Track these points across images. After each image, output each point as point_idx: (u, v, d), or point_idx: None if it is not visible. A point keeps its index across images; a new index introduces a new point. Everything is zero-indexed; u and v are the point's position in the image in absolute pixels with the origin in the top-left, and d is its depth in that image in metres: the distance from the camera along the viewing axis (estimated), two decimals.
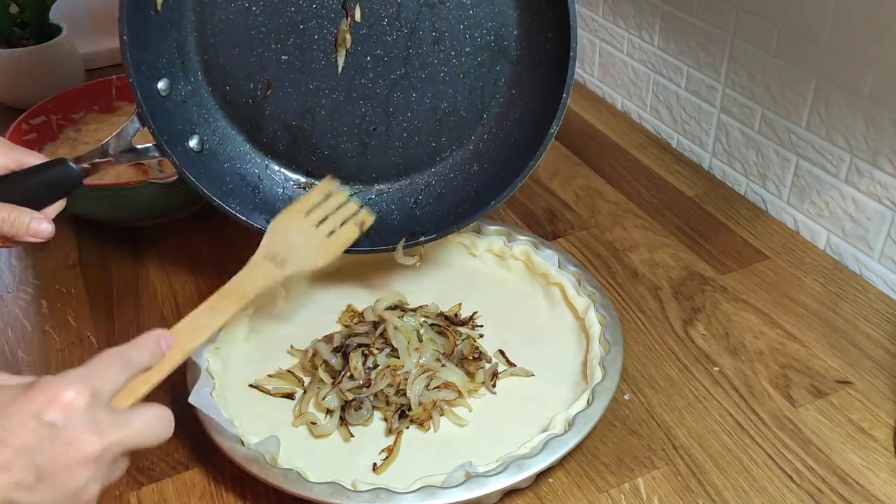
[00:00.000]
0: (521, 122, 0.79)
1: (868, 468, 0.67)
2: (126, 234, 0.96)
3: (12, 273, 0.92)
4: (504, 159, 0.79)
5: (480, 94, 0.79)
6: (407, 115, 0.80)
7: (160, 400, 0.75)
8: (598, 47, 1.22)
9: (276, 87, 0.78)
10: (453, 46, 0.78)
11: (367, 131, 0.81)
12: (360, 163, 0.82)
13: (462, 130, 0.81)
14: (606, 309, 0.76)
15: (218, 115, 0.79)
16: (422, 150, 0.82)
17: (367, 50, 0.78)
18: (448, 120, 0.80)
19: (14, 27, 1.21)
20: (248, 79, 0.78)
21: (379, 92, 0.79)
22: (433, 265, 0.87)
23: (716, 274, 0.88)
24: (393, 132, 0.81)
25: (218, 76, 0.78)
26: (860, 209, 0.86)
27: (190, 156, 0.75)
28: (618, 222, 0.96)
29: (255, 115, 0.80)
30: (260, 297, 0.63)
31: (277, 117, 0.80)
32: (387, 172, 0.83)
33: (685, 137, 1.09)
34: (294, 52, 0.77)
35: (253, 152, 0.81)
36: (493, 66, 0.78)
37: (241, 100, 0.79)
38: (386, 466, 0.66)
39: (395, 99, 0.80)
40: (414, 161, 0.82)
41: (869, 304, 0.83)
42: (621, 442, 0.70)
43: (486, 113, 0.80)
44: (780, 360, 0.77)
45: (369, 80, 0.79)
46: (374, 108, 0.80)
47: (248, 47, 0.77)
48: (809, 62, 0.87)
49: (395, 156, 0.82)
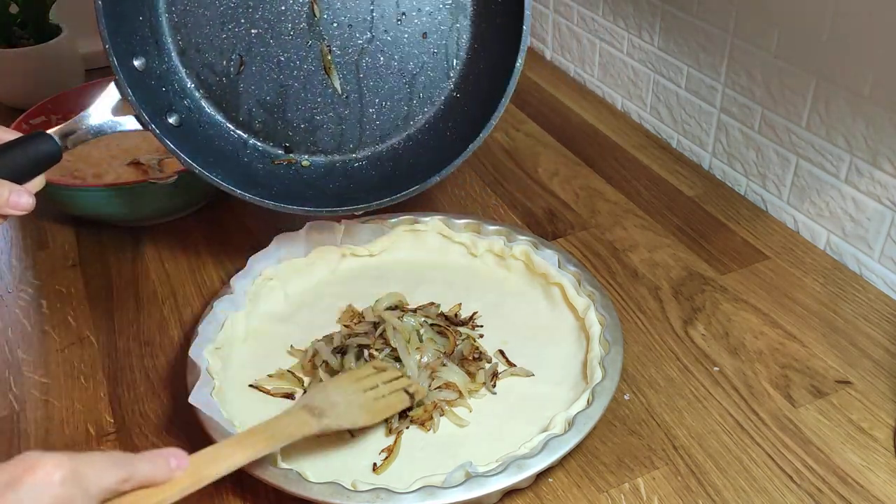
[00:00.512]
0: (486, 74, 0.81)
1: (868, 468, 0.67)
2: (126, 234, 0.96)
3: (12, 273, 0.92)
4: (475, 112, 0.80)
5: (445, 52, 0.82)
6: (378, 80, 0.83)
7: (161, 398, 0.75)
8: (598, 47, 1.22)
9: (248, 63, 0.80)
10: (413, 7, 0.81)
11: (340, 100, 0.83)
12: (337, 133, 0.84)
13: (432, 90, 0.84)
14: (606, 309, 0.76)
15: (194, 94, 0.81)
16: (395, 115, 0.84)
17: (334, 17, 0.81)
18: (417, 81, 0.83)
19: (14, 27, 1.21)
20: (220, 56, 0.80)
21: (348, 59, 0.82)
22: (433, 265, 0.87)
23: (716, 274, 0.88)
24: (365, 99, 0.83)
25: (192, 56, 0.80)
26: (860, 209, 0.86)
27: (169, 130, 0.76)
28: (618, 222, 0.96)
29: (230, 93, 0.81)
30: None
31: (252, 93, 0.82)
32: (364, 140, 0.84)
33: (685, 137, 1.09)
34: (263, 25, 0.80)
35: (230, 130, 0.82)
36: (453, 23, 0.81)
37: (216, 78, 0.81)
38: (386, 466, 0.66)
39: (365, 64, 0.82)
40: (389, 126, 0.84)
41: (869, 304, 0.83)
42: (621, 442, 0.70)
43: (453, 70, 0.83)
44: (780, 360, 0.77)
45: (338, 48, 0.82)
46: (345, 75, 0.82)
47: (218, 24, 0.79)
48: (809, 62, 0.87)
49: (371, 123, 0.84)
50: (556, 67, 1.32)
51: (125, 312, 0.85)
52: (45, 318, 0.85)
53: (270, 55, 0.81)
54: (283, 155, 0.83)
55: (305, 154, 0.84)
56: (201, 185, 0.95)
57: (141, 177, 0.94)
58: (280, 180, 0.82)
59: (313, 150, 0.84)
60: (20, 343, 0.82)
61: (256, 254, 0.83)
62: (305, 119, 0.83)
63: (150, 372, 0.78)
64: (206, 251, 0.93)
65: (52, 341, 0.82)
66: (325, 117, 0.83)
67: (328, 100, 0.83)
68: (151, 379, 0.77)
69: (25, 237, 0.97)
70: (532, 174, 1.05)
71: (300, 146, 0.83)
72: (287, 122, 0.83)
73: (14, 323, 0.85)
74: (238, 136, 0.82)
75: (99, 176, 0.96)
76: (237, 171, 0.80)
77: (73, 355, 0.80)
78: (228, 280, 0.80)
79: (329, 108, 0.83)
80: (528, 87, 1.26)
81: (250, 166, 0.82)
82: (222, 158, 0.80)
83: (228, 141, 0.82)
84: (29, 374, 0.78)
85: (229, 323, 0.77)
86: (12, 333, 0.83)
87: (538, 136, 1.13)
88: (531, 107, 1.21)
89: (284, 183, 0.81)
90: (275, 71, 0.82)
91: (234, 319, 0.77)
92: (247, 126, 0.82)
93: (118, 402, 0.75)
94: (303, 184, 0.83)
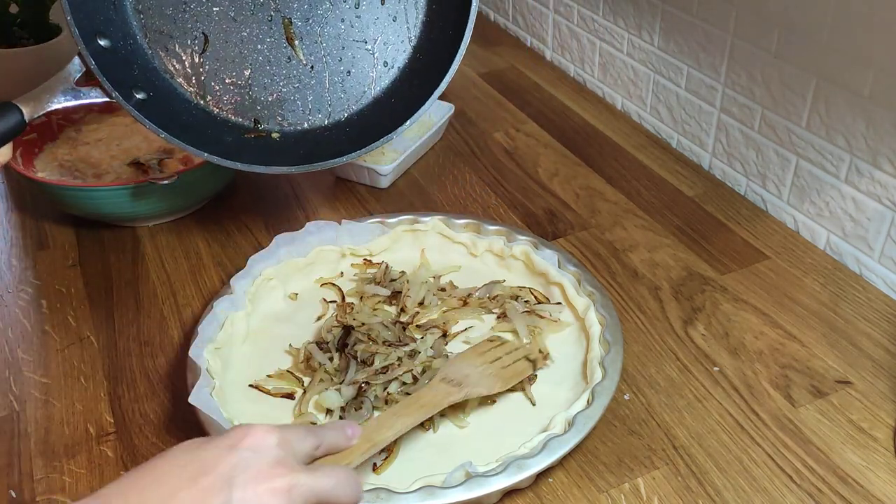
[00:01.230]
0: (444, 30, 0.82)
1: (868, 468, 0.67)
2: (126, 234, 0.96)
3: (12, 273, 0.92)
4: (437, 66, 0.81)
5: (405, 17, 0.83)
6: (340, 49, 0.84)
7: (161, 398, 0.75)
8: (598, 47, 1.22)
9: (212, 40, 0.81)
10: None
11: (305, 71, 0.83)
12: (305, 104, 0.84)
13: (394, 56, 0.85)
14: (606, 309, 0.76)
15: (161, 73, 0.81)
16: (361, 81, 0.85)
17: None
18: (379, 48, 0.84)
19: (14, 27, 1.21)
20: (184, 35, 0.81)
21: (310, 29, 0.83)
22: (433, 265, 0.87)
23: (716, 274, 0.88)
24: (330, 67, 0.84)
25: (156, 37, 0.80)
26: (860, 209, 0.86)
27: (135, 104, 0.76)
28: (618, 222, 0.96)
29: (196, 71, 0.82)
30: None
31: (218, 70, 0.82)
32: (332, 108, 0.85)
33: (685, 137, 1.09)
34: (224, 2, 0.81)
35: (198, 106, 0.82)
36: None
37: (182, 57, 0.81)
38: (386, 466, 0.66)
39: (327, 33, 0.83)
40: (356, 93, 0.85)
41: (869, 304, 0.83)
42: (621, 442, 0.70)
43: (412, 33, 0.84)
44: (780, 360, 0.77)
45: (300, 19, 0.82)
46: (308, 45, 0.83)
47: (180, 5, 0.80)
48: (809, 62, 0.87)
49: (337, 91, 0.84)
50: (556, 67, 1.32)
51: (125, 312, 0.85)
52: (45, 318, 0.85)
53: (234, 31, 0.82)
54: (252, 127, 0.83)
55: (275, 126, 0.84)
56: (201, 185, 0.95)
57: (141, 177, 0.94)
58: (250, 150, 0.82)
59: (282, 122, 0.84)
60: (20, 343, 0.82)
61: (256, 254, 0.83)
62: (273, 91, 0.84)
63: (150, 372, 0.78)
64: (206, 251, 0.93)
65: (52, 341, 0.82)
66: (291, 88, 0.84)
67: (293, 71, 0.84)
68: (151, 379, 0.77)
69: (25, 237, 0.97)
70: (532, 174, 1.05)
71: (269, 119, 0.83)
72: (254, 95, 0.83)
73: (14, 323, 0.85)
74: (206, 111, 0.83)
75: (99, 176, 0.96)
76: (206, 142, 0.80)
77: (73, 355, 0.80)
78: (228, 280, 0.80)
79: (295, 79, 0.84)
80: (528, 87, 1.26)
81: (220, 139, 0.82)
82: (190, 131, 0.80)
83: (196, 116, 0.82)
84: (29, 374, 0.78)
85: (229, 323, 0.77)
86: (12, 333, 0.83)
87: (538, 136, 1.13)
88: (531, 107, 1.21)
89: (254, 152, 0.82)
90: (239, 46, 0.82)
91: (233, 319, 0.77)
92: (215, 102, 0.83)
93: (118, 402, 0.75)
94: (272, 152, 0.83)
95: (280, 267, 0.83)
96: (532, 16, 1.37)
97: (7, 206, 1.03)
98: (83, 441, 0.71)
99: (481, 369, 0.70)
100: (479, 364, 0.71)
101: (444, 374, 0.69)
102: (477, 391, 0.68)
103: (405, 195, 1.02)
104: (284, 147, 0.83)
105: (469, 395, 0.68)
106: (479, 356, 0.72)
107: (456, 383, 0.68)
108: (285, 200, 1.02)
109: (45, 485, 0.68)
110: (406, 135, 1.11)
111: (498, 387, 0.70)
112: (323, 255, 0.86)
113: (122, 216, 0.94)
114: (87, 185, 0.93)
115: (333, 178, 1.05)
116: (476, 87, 1.27)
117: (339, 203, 1.01)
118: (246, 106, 0.83)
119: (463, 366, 0.71)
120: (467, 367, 0.70)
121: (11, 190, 1.06)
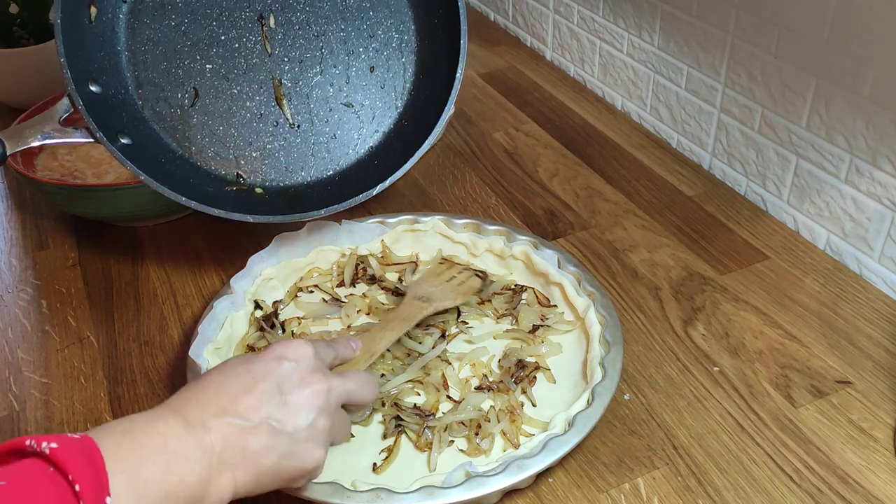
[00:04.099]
0: (431, 98, 0.84)
1: (868, 468, 0.67)
2: (126, 234, 0.96)
3: (12, 273, 0.92)
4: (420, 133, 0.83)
5: (392, 84, 0.86)
6: (328, 111, 0.85)
7: (161, 398, 0.75)
8: (598, 47, 1.22)
9: (202, 95, 0.82)
10: (360, 44, 0.86)
11: (291, 130, 0.84)
12: (288, 161, 0.85)
13: (381, 119, 0.87)
14: (606, 309, 0.76)
15: (149, 123, 0.81)
16: (345, 142, 0.86)
17: (285, 53, 0.85)
18: (366, 112, 0.86)
19: (14, 27, 1.21)
20: (176, 89, 0.82)
21: (300, 91, 0.84)
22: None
23: (716, 274, 0.88)
24: (317, 128, 0.85)
25: (148, 89, 0.81)
26: (860, 209, 0.86)
27: (120, 147, 0.76)
28: (618, 222, 0.96)
29: (183, 123, 0.82)
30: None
31: (205, 124, 0.83)
32: (315, 166, 0.86)
33: (685, 137, 1.09)
34: (217, 61, 0.83)
35: (182, 158, 0.83)
36: (398, 59, 0.85)
37: (170, 109, 0.82)
38: (386, 466, 0.66)
39: (315, 96, 0.85)
40: (339, 153, 0.86)
41: (869, 304, 0.83)
42: (621, 442, 0.70)
43: (400, 100, 0.86)
44: (780, 360, 0.77)
45: (290, 81, 0.84)
46: (297, 106, 0.84)
47: (175, 61, 0.82)
48: (809, 62, 0.87)
49: (321, 151, 0.85)
50: (556, 67, 1.32)
51: (125, 312, 0.85)
52: (45, 318, 0.85)
53: (224, 88, 0.83)
54: (234, 181, 0.83)
55: (257, 181, 0.85)
56: None
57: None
58: (230, 201, 0.82)
59: (264, 178, 0.84)
60: (20, 343, 0.82)
61: (256, 254, 0.83)
62: (257, 148, 0.84)
63: (150, 372, 0.78)
64: (206, 251, 0.93)
65: (52, 341, 0.82)
66: (276, 146, 0.85)
67: (280, 129, 0.85)
68: (151, 379, 0.77)
69: (25, 237, 0.97)
70: (532, 174, 1.05)
71: (251, 173, 0.84)
72: (239, 150, 0.84)
73: (14, 323, 0.85)
74: (190, 162, 0.83)
75: (99, 176, 0.96)
76: (187, 189, 0.80)
77: (73, 355, 0.80)
78: (228, 280, 0.80)
79: (281, 137, 0.85)
80: (528, 87, 1.26)
81: (201, 188, 0.82)
82: (173, 178, 0.80)
83: (179, 166, 0.82)
84: (29, 374, 0.78)
85: (229, 323, 0.77)
86: (12, 333, 0.83)
87: (538, 136, 1.13)
88: (531, 107, 1.21)
89: (234, 203, 0.82)
90: (228, 102, 0.83)
91: (233, 319, 0.77)
92: (199, 154, 0.83)
93: (118, 402, 0.75)
94: (252, 204, 0.83)
95: (280, 267, 0.83)
96: (532, 16, 1.37)
97: (7, 206, 1.03)
98: None
99: (441, 287, 0.80)
100: (438, 283, 0.80)
101: (414, 293, 0.79)
102: (444, 304, 0.78)
103: (405, 195, 1.02)
104: (264, 200, 0.84)
105: (437, 307, 0.77)
106: (437, 276, 0.82)
107: (426, 299, 0.78)
108: None
109: None
110: None
111: (459, 299, 0.79)
112: (323, 255, 0.86)
113: (122, 216, 0.94)
114: (87, 185, 0.93)
115: None
116: (476, 87, 1.27)
117: None
118: (230, 159, 0.84)
119: (426, 286, 0.80)
120: (430, 286, 0.80)
121: (11, 190, 1.06)
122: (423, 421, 0.68)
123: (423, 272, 0.84)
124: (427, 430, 0.68)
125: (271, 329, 0.77)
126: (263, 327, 0.77)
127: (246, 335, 0.77)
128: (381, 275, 0.84)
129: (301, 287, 0.84)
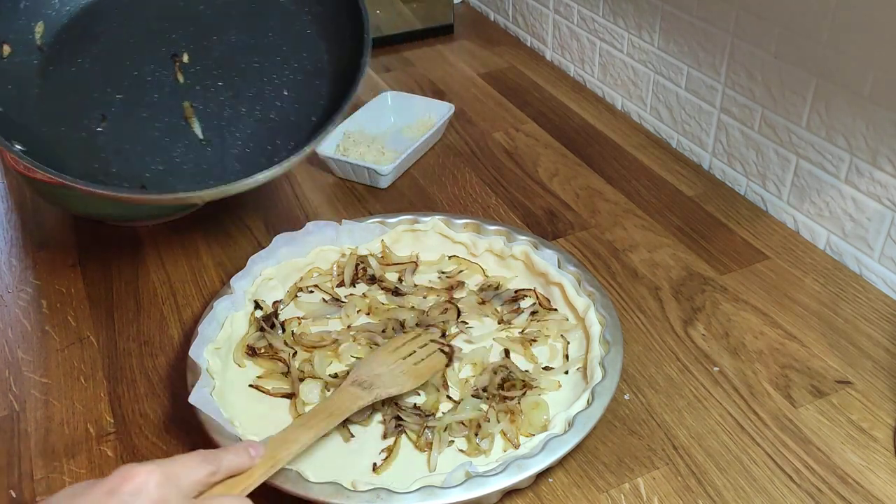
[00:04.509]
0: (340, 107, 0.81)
1: (868, 468, 0.67)
2: (126, 234, 0.96)
3: (12, 273, 0.92)
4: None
5: (307, 103, 0.84)
6: (240, 127, 0.83)
7: (161, 398, 0.75)
8: (598, 47, 1.22)
9: (109, 119, 0.81)
10: (274, 71, 0.85)
11: (201, 146, 0.82)
12: (197, 174, 0.82)
13: (293, 133, 0.83)
14: (606, 309, 0.76)
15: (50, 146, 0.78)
16: (258, 154, 0.82)
17: (197, 81, 0.84)
18: (279, 127, 0.84)
19: None
20: (83, 115, 0.81)
21: (210, 112, 0.83)
22: (433, 265, 0.87)
23: (716, 274, 0.88)
24: (227, 143, 0.83)
25: (54, 121, 0.79)
26: (860, 209, 0.86)
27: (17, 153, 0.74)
28: (618, 222, 0.96)
29: (87, 145, 0.80)
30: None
31: (110, 143, 0.81)
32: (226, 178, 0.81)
33: (685, 137, 1.09)
34: (129, 90, 0.82)
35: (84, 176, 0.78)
36: (312, 81, 0.85)
37: (75, 133, 0.80)
38: (386, 466, 0.66)
39: (227, 115, 0.83)
40: (251, 165, 0.81)
41: (869, 304, 0.83)
42: (621, 442, 0.70)
43: (314, 116, 0.83)
44: (780, 360, 0.77)
45: (201, 104, 0.83)
46: (207, 124, 0.83)
47: (85, 93, 0.81)
48: (809, 62, 0.87)
49: (232, 164, 0.82)
50: (556, 67, 1.32)
51: (125, 312, 0.85)
52: (45, 318, 0.85)
53: (133, 113, 0.82)
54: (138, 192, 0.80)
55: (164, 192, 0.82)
56: None
57: None
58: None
59: (170, 189, 0.81)
60: (20, 343, 0.82)
61: (256, 254, 0.83)
62: (164, 162, 0.82)
63: (150, 372, 0.78)
64: (206, 251, 0.93)
65: (52, 341, 0.82)
66: (185, 158, 0.82)
67: (190, 145, 0.82)
68: (151, 379, 0.77)
69: (25, 237, 0.97)
70: (532, 174, 1.05)
71: (158, 185, 0.80)
72: (144, 164, 0.81)
73: (14, 323, 0.85)
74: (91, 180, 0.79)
75: None
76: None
77: (73, 355, 0.80)
78: (228, 280, 0.80)
79: (190, 152, 0.82)
80: (528, 87, 1.26)
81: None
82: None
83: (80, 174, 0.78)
84: (29, 374, 0.78)
85: (229, 323, 0.77)
86: (12, 333, 0.83)
87: (538, 136, 1.13)
88: (531, 107, 1.21)
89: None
90: (136, 125, 0.82)
91: (234, 319, 0.77)
92: (102, 170, 0.80)
93: (118, 402, 0.75)
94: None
95: (280, 267, 0.83)
96: (532, 16, 1.37)
97: (7, 206, 1.03)
98: (83, 441, 0.71)
99: (392, 367, 0.70)
100: (391, 362, 0.70)
101: (356, 377, 0.68)
102: (388, 392, 0.67)
103: (405, 195, 1.02)
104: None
105: (378, 396, 0.67)
106: (392, 353, 0.71)
107: (367, 385, 0.67)
108: (285, 200, 1.02)
109: (45, 485, 0.68)
110: (406, 134, 1.11)
111: (409, 385, 0.69)
112: (323, 255, 0.86)
113: (122, 216, 0.94)
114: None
115: (333, 178, 1.05)
116: (476, 87, 1.27)
117: (339, 203, 1.01)
118: (134, 174, 0.80)
119: (374, 365, 0.70)
120: (379, 366, 0.70)
121: (11, 190, 1.06)
122: (423, 421, 0.68)
123: (383, 344, 0.74)
124: (427, 430, 0.68)
125: (271, 329, 0.77)
126: (263, 327, 0.77)
127: (246, 335, 0.77)
128: (381, 275, 0.84)
129: (301, 287, 0.84)
